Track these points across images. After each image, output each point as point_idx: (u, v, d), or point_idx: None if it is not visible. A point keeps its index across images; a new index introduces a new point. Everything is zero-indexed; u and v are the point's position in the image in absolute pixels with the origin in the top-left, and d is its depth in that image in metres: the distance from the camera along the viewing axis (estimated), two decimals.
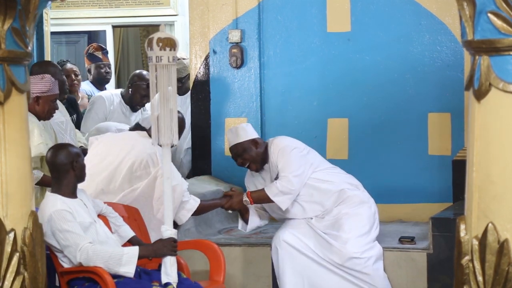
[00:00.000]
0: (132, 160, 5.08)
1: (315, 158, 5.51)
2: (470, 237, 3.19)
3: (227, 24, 6.85)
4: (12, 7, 3.24)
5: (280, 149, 5.38)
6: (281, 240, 5.36)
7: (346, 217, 5.35)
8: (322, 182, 5.43)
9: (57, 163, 4.46)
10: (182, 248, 5.08)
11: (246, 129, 5.47)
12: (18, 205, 3.34)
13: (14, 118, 3.33)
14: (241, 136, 5.43)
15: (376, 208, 5.49)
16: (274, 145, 5.43)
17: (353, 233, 5.30)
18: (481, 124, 3.16)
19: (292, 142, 5.46)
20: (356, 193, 5.45)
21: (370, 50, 6.60)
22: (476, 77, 3.15)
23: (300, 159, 5.37)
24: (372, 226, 5.40)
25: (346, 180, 5.51)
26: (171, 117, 4.35)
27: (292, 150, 5.37)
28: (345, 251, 5.25)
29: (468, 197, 3.22)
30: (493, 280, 3.11)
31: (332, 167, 5.57)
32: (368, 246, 5.32)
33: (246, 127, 5.51)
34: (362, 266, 5.25)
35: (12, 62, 3.31)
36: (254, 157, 5.42)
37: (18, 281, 3.31)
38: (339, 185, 5.44)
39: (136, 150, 5.11)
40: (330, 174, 5.48)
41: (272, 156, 5.41)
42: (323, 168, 5.48)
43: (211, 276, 4.85)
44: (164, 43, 4.28)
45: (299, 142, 5.51)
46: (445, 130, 6.48)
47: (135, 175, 5.07)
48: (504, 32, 3.07)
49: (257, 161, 5.44)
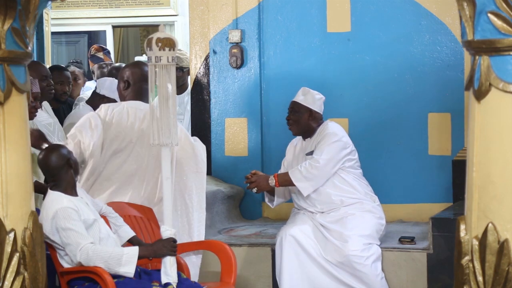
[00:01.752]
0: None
1: (353, 158, 5.57)
2: (470, 237, 3.19)
3: (227, 24, 6.85)
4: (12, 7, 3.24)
5: (327, 134, 5.50)
6: (288, 234, 5.40)
7: (351, 217, 5.38)
8: (345, 182, 5.48)
9: (53, 166, 4.45)
10: (193, 248, 5.09)
11: (315, 100, 5.59)
12: (18, 205, 3.34)
13: (14, 118, 3.33)
14: (305, 100, 5.58)
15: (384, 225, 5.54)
16: (325, 126, 5.56)
17: (355, 231, 5.32)
18: (481, 124, 3.15)
19: (341, 134, 5.54)
20: (370, 204, 5.51)
21: (370, 50, 6.60)
22: (476, 77, 3.15)
23: (338, 152, 5.46)
24: (375, 232, 5.43)
25: (366, 191, 5.57)
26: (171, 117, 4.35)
27: (336, 141, 5.47)
28: (345, 249, 5.27)
29: (468, 197, 3.22)
30: (493, 280, 3.11)
31: (361, 174, 5.64)
32: (368, 246, 5.33)
33: (318, 97, 5.62)
34: (360, 264, 5.26)
35: (12, 62, 3.31)
36: (300, 122, 5.57)
37: (18, 281, 3.31)
38: (359, 195, 5.51)
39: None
40: (355, 179, 5.54)
41: (317, 134, 5.55)
42: (353, 171, 5.56)
43: (222, 277, 4.85)
44: (163, 43, 4.28)
45: (348, 138, 5.59)
46: (445, 130, 6.48)
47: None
48: (504, 32, 3.07)
49: (300, 127, 5.59)
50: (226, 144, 6.87)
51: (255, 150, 6.81)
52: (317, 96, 5.61)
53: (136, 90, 5.06)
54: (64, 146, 4.60)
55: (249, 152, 6.82)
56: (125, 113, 4.99)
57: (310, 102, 5.57)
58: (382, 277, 5.37)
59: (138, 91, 5.05)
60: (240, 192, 6.74)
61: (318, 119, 5.60)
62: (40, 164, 4.51)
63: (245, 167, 6.78)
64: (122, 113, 4.99)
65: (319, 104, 5.61)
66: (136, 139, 4.96)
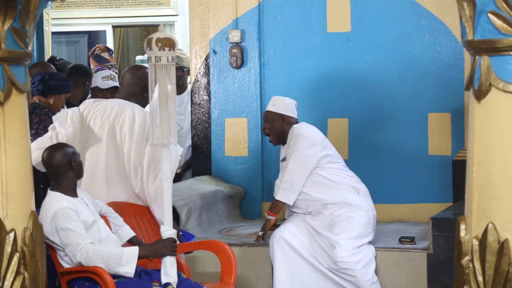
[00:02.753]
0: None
1: (329, 154, 5.55)
2: (470, 237, 3.18)
3: (227, 24, 6.85)
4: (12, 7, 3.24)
5: (294, 136, 5.52)
6: (278, 237, 5.42)
7: (337, 219, 5.37)
8: (325, 179, 5.47)
9: (55, 165, 4.46)
10: (193, 248, 5.09)
11: (287, 105, 5.60)
12: (18, 205, 3.34)
13: (14, 118, 3.33)
14: (277, 107, 5.60)
15: (373, 214, 5.49)
16: (292, 129, 5.56)
17: (342, 236, 5.31)
18: (481, 124, 3.15)
19: (308, 133, 5.54)
20: (354, 197, 5.47)
21: (370, 50, 6.60)
22: (476, 77, 3.15)
23: (305, 151, 5.45)
24: (365, 231, 5.40)
25: (348, 183, 5.53)
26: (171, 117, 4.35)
27: (302, 141, 5.46)
28: (333, 255, 5.28)
29: (468, 197, 3.22)
30: (493, 280, 3.11)
31: (342, 167, 5.61)
32: (357, 249, 5.31)
33: (288, 102, 5.63)
34: (350, 269, 5.26)
35: (12, 62, 3.31)
36: (275, 130, 5.59)
37: (18, 281, 3.31)
38: (339, 187, 5.47)
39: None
40: (334, 174, 5.51)
41: (288, 138, 5.56)
42: (331, 166, 5.52)
43: (222, 277, 4.84)
44: (163, 43, 4.28)
45: (317, 135, 5.57)
46: (445, 130, 6.48)
47: None
48: (504, 32, 3.07)
49: (276, 135, 5.61)
50: (226, 144, 6.87)
51: (255, 150, 6.81)
52: (287, 102, 5.61)
53: (128, 91, 5.11)
54: (71, 146, 4.60)
55: (249, 152, 6.82)
56: (101, 110, 5.03)
57: (281, 108, 5.58)
58: (373, 282, 5.32)
59: (130, 92, 5.10)
60: (240, 192, 6.74)
61: (291, 123, 5.59)
62: (43, 161, 4.52)
63: (245, 167, 6.79)
64: (98, 110, 5.03)
65: (291, 109, 5.61)
66: (106, 137, 4.98)
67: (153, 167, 4.91)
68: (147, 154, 4.93)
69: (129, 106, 5.02)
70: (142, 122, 4.96)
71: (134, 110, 5.00)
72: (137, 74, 5.14)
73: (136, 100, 5.11)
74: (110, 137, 4.91)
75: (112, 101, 5.10)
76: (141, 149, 4.94)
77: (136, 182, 4.96)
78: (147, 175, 4.93)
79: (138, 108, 5.04)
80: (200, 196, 6.26)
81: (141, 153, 4.94)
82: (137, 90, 5.12)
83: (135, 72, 5.18)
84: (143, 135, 4.93)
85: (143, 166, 4.93)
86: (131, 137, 4.95)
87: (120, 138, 4.97)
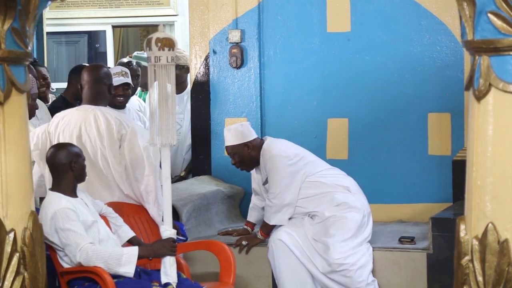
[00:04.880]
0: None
1: (309, 163, 5.54)
2: (470, 237, 3.18)
3: (227, 24, 6.85)
4: (12, 7, 3.24)
5: (270, 157, 5.48)
6: (275, 239, 5.44)
7: (331, 221, 5.36)
8: (312, 184, 5.46)
9: (56, 163, 4.47)
10: (192, 248, 5.10)
11: (242, 132, 5.54)
12: (18, 205, 3.33)
13: (14, 118, 3.33)
14: (235, 139, 5.53)
15: (367, 213, 5.48)
16: (265, 151, 5.51)
17: (336, 238, 5.30)
18: (481, 124, 3.15)
19: (279, 150, 5.50)
20: (345, 197, 5.46)
21: (370, 50, 6.60)
22: (476, 77, 3.15)
23: (285, 170, 5.44)
24: (359, 231, 5.38)
25: (337, 183, 5.52)
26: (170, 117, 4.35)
27: (279, 160, 5.44)
28: (328, 257, 5.27)
29: (468, 197, 3.22)
30: (493, 280, 3.11)
31: (328, 169, 5.59)
32: (352, 251, 5.31)
33: (242, 128, 5.56)
34: (345, 270, 5.25)
35: (12, 62, 3.31)
36: (244, 160, 5.55)
37: (18, 281, 3.31)
38: (328, 188, 5.47)
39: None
40: (321, 177, 5.51)
41: (262, 160, 5.52)
42: (316, 172, 5.52)
43: (221, 277, 4.85)
44: (163, 43, 4.28)
45: (290, 148, 5.57)
46: (445, 130, 6.48)
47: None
48: (504, 32, 3.07)
49: (247, 164, 5.58)
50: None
51: None
52: (240, 129, 5.56)
53: (92, 92, 5.10)
54: (77, 147, 4.60)
55: None
56: (67, 121, 5.05)
57: (239, 138, 5.53)
58: (368, 283, 5.31)
59: (94, 93, 5.09)
60: (240, 192, 6.74)
61: (258, 146, 5.55)
62: (47, 159, 4.52)
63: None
64: (64, 122, 5.06)
65: (247, 132, 5.57)
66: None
67: (136, 165, 4.91)
68: (128, 155, 4.93)
69: (91, 112, 5.02)
70: (107, 125, 4.96)
71: (97, 114, 5.00)
72: (98, 73, 5.12)
73: (103, 100, 5.10)
74: (81, 147, 4.84)
75: (77, 110, 5.12)
76: (115, 151, 4.94)
77: (124, 184, 4.96)
78: (133, 175, 4.93)
79: (100, 111, 5.02)
80: (200, 196, 6.26)
81: (116, 155, 4.94)
82: (103, 89, 5.10)
83: (94, 72, 5.14)
84: (112, 137, 4.93)
85: (126, 167, 4.93)
86: (102, 142, 4.96)
87: (91, 146, 4.97)
